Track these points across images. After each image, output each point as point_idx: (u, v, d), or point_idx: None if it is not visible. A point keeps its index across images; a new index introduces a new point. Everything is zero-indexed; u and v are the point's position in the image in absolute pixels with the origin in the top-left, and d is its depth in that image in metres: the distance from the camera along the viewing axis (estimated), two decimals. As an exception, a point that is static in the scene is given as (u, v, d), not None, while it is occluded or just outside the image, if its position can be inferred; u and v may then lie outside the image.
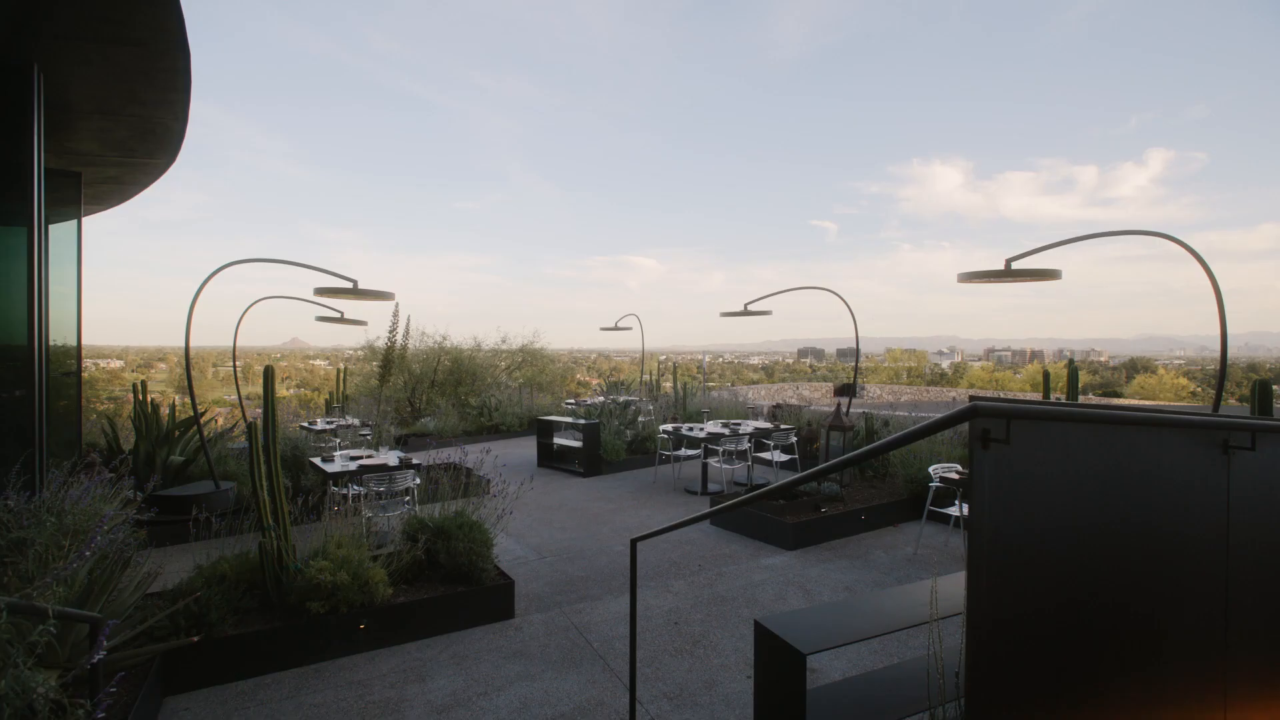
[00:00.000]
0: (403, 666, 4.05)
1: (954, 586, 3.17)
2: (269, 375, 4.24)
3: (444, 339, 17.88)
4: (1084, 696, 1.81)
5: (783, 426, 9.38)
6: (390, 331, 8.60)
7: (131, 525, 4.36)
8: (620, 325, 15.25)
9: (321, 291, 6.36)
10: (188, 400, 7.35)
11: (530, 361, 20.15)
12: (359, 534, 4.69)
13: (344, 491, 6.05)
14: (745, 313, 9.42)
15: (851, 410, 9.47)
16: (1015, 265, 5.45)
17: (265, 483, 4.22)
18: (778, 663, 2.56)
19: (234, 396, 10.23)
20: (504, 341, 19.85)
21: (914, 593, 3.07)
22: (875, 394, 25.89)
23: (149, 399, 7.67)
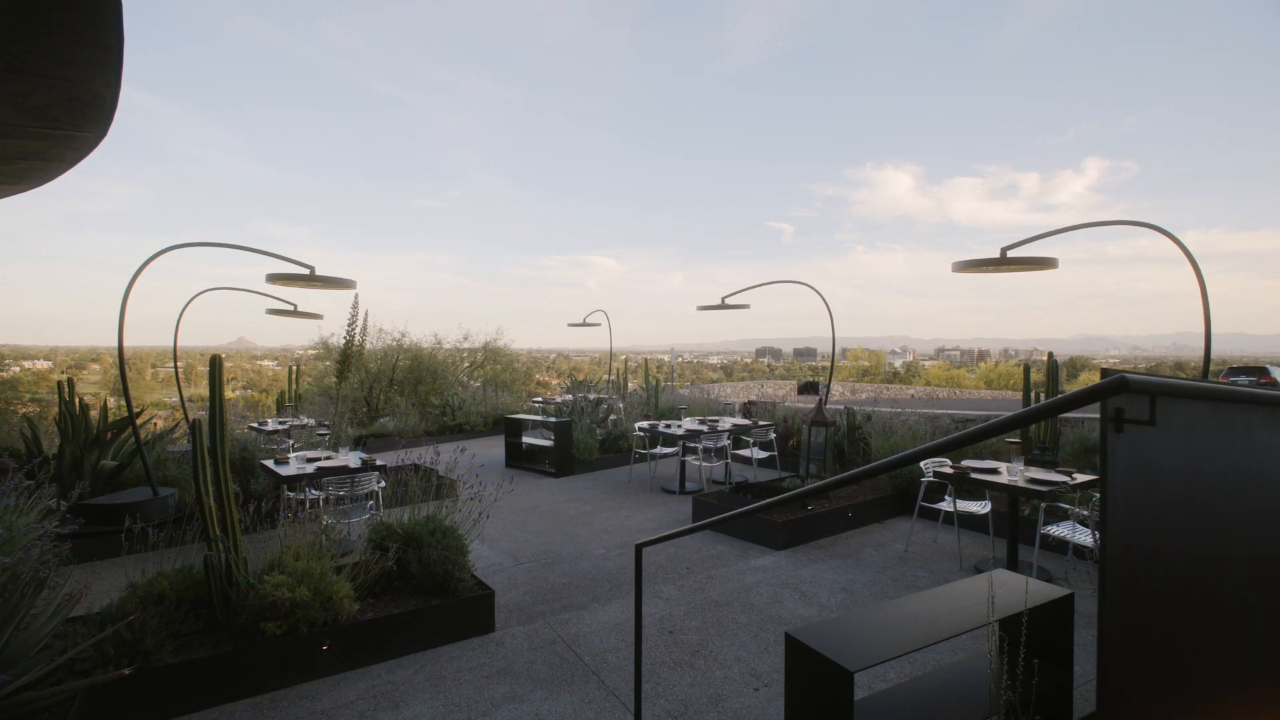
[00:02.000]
0: (373, 691, 3.62)
1: (983, 587, 2.94)
2: (216, 366, 3.74)
3: (402, 336, 17.19)
4: (1208, 702, 1.57)
5: (761, 423, 9.17)
6: (349, 324, 8.02)
7: (52, 539, 3.79)
8: (589, 321, 14.89)
9: (275, 279, 5.82)
10: (123, 403, 6.67)
11: (493, 359, 19.58)
12: (319, 543, 4.21)
13: (301, 496, 5.53)
14: (723, 306, 9.19)
15: (826, 406, 9.32)
16: (1011, 254, 5.33)
17: (211, 488, 3.73)
18: (817, 681, 2.26)
19: (175, 399, 9.46)
20: (466, 339, 19.24)
21: (948, 595, 2.82)
22: (838, 392, 26.13)
23: (77, 399, 6.93)
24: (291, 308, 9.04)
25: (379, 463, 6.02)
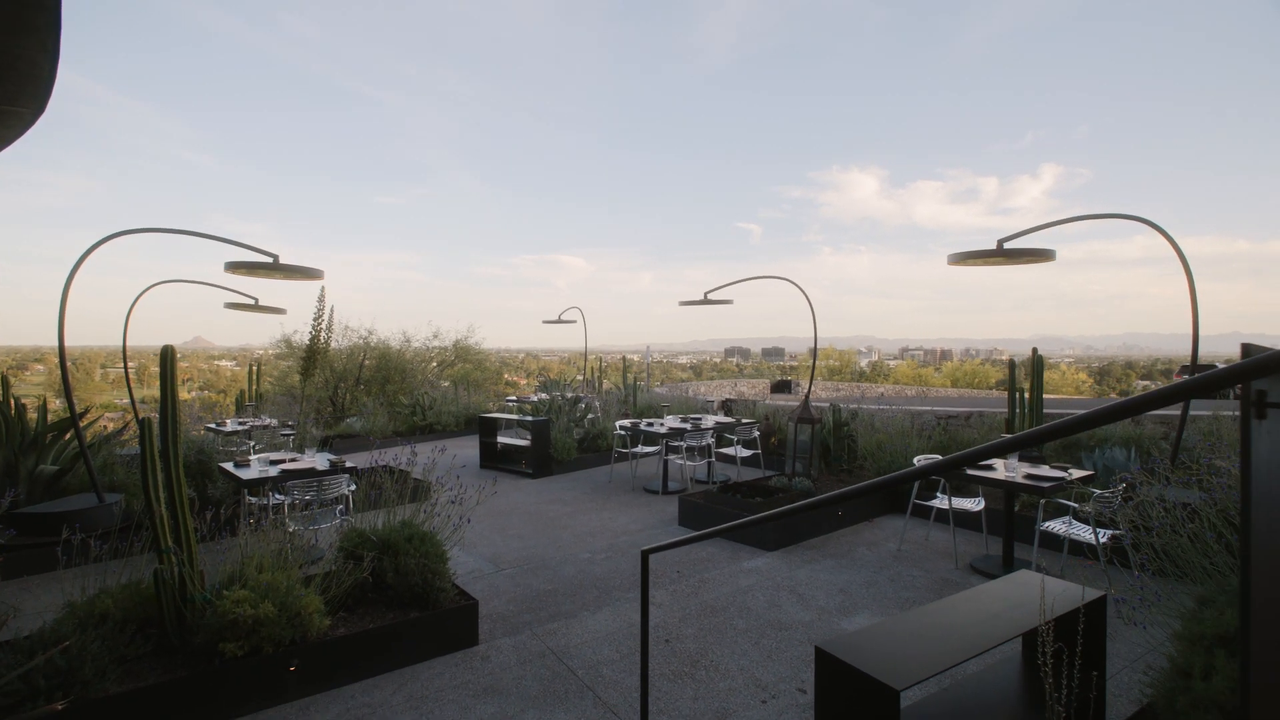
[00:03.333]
0: (347, 715, 3.29)
1: (1009, 589, 2.77)
2: (168, 357, 3.37)
3: (369, 334, 16.63)
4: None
5: (745, 421, 9.00)
6: (315, 318, 7.58)
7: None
8: (564, 318, 14.57)
9: (236, 267, 5.40)
10: (67, 404, 6.13)
11: (464, 358, 19.10)
12: (285, 553, 3.85)
13: (263, 502, 5.13)
14: (706, 301, 9.00)
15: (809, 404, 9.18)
16: (1007, 245, 5.24)
17: (163, 493, 3.36)
18: (857, 701, 2.04)
19: (126, 400, 8.87)
20: (435, 337, 18.71)
21: (977, 600, 2.64)
22: (814, 390, 26.24)
23: (12, 399, 6.37)
24: (252, 302, 8.55)
25: (348, 464, 5.64)
